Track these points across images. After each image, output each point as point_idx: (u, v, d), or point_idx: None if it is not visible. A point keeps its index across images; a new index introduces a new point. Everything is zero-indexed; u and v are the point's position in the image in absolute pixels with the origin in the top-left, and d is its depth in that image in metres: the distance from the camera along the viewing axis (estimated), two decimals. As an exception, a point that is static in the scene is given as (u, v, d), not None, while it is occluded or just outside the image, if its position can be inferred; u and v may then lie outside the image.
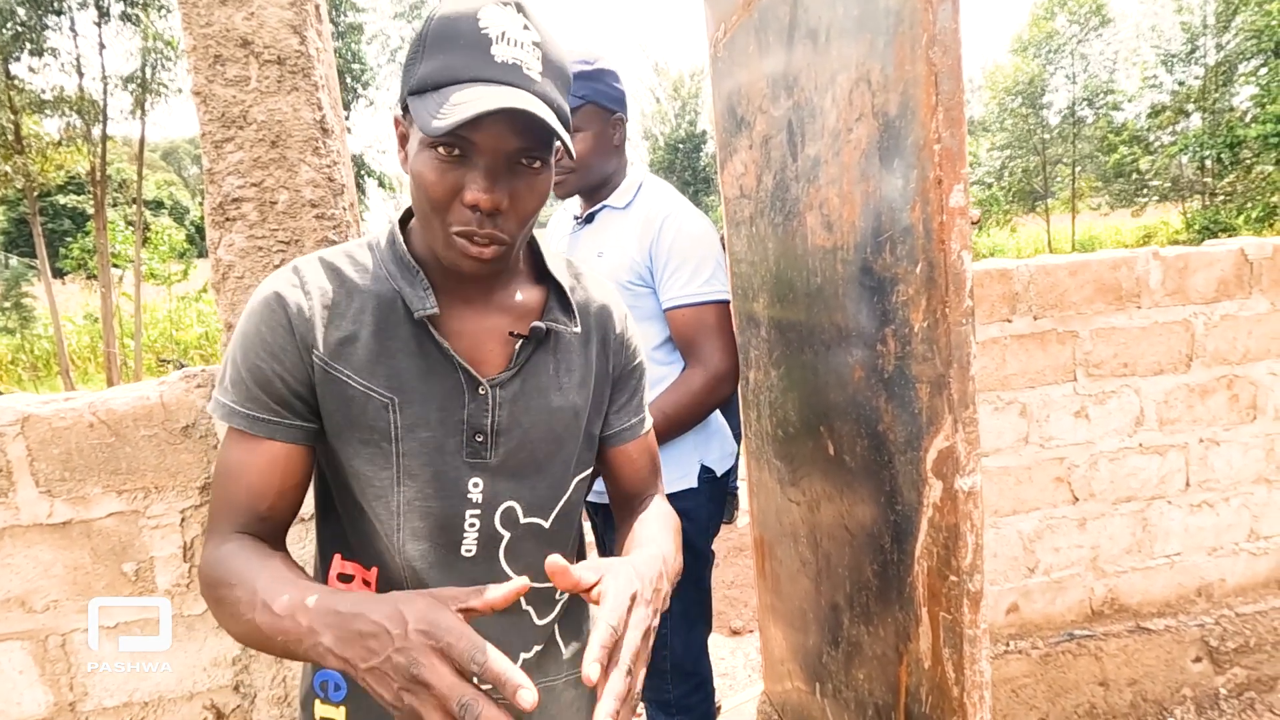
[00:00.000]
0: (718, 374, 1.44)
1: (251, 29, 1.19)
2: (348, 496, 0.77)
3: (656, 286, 1.46)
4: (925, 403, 1.02)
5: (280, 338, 0.72)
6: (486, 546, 0.78)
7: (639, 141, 21.98)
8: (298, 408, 0.74)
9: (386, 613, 0.56)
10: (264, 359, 0.72)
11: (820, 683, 1.62)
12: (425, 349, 0.75)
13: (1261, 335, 1.99)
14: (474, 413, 0.75)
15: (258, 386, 0.72)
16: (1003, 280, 1.87)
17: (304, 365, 0.73)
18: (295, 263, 0.76)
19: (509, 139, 0.68)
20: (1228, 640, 1.98)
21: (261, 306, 0.73)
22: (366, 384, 0.73)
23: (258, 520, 0.74)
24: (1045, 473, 1.94)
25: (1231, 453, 2.02)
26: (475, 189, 0.68)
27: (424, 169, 0.69)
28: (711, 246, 1.46)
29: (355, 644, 0.56)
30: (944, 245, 0.94)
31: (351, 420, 0.73)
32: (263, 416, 0.72)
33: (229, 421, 0.73)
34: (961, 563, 1.00)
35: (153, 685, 1.36)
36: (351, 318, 0.74)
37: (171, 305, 14.17)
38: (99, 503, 1.29)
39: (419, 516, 0.75)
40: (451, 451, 0.75)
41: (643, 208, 1.49)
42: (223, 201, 1.23)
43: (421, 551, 0.76)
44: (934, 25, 0.90)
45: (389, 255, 0.77)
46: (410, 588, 0.76)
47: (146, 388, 1.31)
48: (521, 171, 0.70)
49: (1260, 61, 14.36)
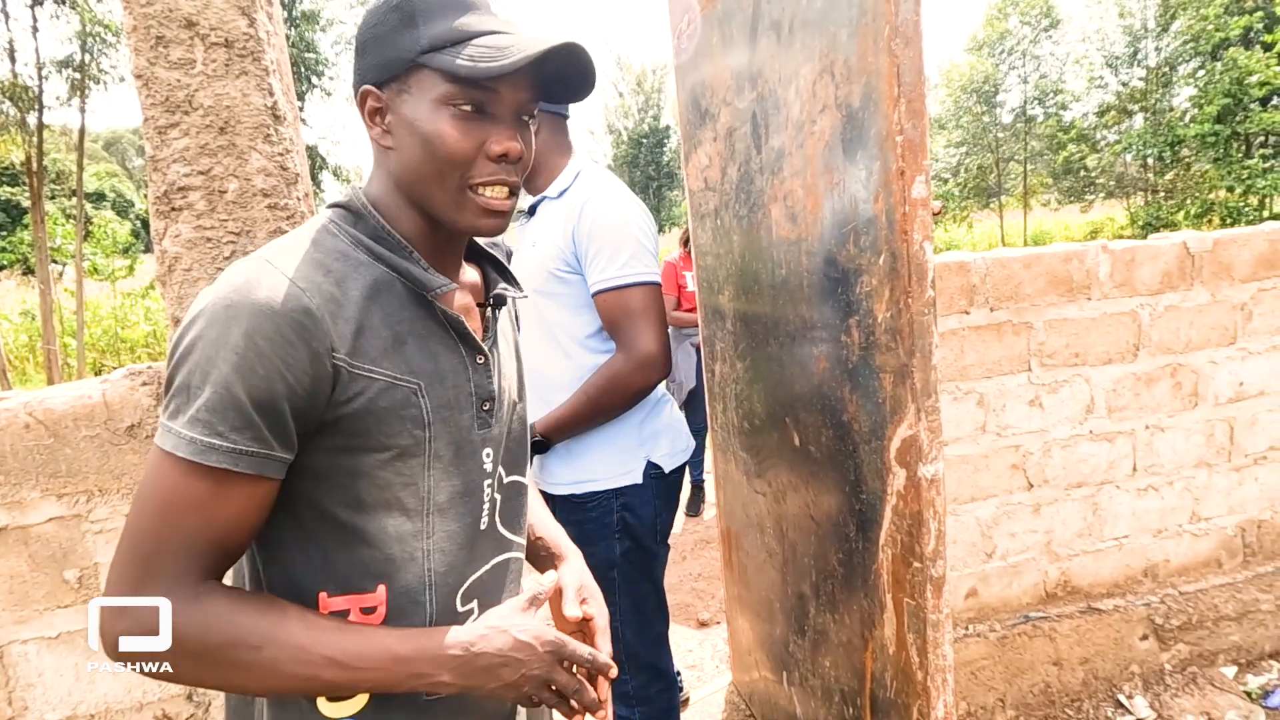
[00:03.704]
0: (641, 358, 1.38)
1: (196, 9, 1.14)
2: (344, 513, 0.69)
3: (584, 273, 1.44)
4: (889, 392, 1.04)
5: (286, 348, 0.62)
6: (492, 515, 0.80)
7: (603, 136, 21.87)
8: (288, 434, 0.64)
9: (508, 644, 0.69)
10: (269, 375, 0.61)
11: (787, 671, 1.64)
12: (428, 328, 0.73)
13: (1202, 325, 2.08)
14: (480, 382, 0.77)
15: (258, 411, 0.61)
16: (961, 273, 1.91)
17: (313, 376, 0.63)
18: (266, 259, 0.66)
19: (524, 91, 0.71)
20: (1172, 618, 2.07)
21: (251, 314, 0.61)
22: (391, 374, 0.69)
23: (224, 557, 0.65)
24: (1002, 460, 1.99)
25: (1175, 438, 2.10)
26: (504, 139, 0.70)
27: (444, 127, 0.68)
28: (633, 228, 1.41)
29: (484, 675, 0.68)
30: (906, 236, 0.95)
31: (379, 417, 0.68)
32: (251, 449, 0.61)
33: (207, 459, 0.60)
34: (925, 549, 1.01)
35: (99, 696, 1.30)
36: (354, 308, 0.67)
37: (116, 302, 13.60)
38: (37, 507, 1.23)
39: (446, 497, 0.74)
40: (467, 425, 0.75)
41: (571, 195, 1.46)
42: (168, 190, 1.18)
43: (450, 533, 0.75)
44: (896, 17, 0.91)
45: (366, 236, 0.72)
46: (437, 580, 0.74)
47: (88, 386, 1.25)
48: (523, 125, 0.73)
49: (1198, 64, 14.99)
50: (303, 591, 0.70)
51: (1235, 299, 2.09)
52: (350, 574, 0.70)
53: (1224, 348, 2.10)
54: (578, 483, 1.47)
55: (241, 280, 0.63)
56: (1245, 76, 13.34)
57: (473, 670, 0.67)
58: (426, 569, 0.73)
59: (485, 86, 0.68)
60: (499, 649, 0.68)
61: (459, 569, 0.75)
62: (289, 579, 0.71)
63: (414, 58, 0.68)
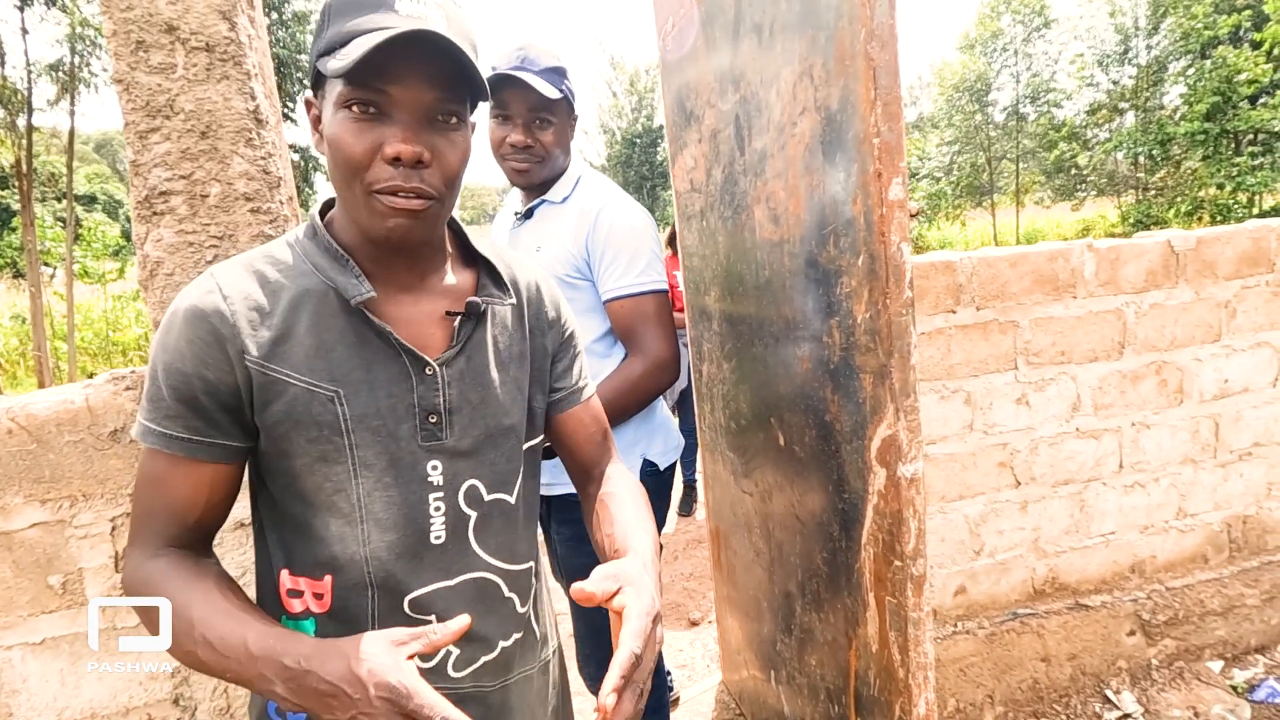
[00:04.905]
0: (658, 362, 1.44)
1: (177, 14, 1.14)
2: (294, 506, 0.74)
3: (595, 279, 1.46)
4: (869, 392, 1.04)
5: (204, 349, 0.69)
6: (455, 529, 0.77)
7: (596, 136, 21.85)
8: (224, 424, 0.71)
9: (340, 673, 0.58)
10: (188, 372, 0.69)
11: (775, 670, 1.65)
12: (365, 337, 0.73)
13: (1187, 323, 2.09)
14: (424, 394, 0.75)
15: (180, 403, 0.69)
16: (947, 272, 1.92)
17: (234, 374, 0.69)
18: (211, 270, 0.73)
19: (424, 90, 0.68)
20: (1159, 614, 2.09)
21: (182, 319, 0.69)
22: (308, 380, 0.71)
23: (185, 531, 0.72)
24: (989, 458, 2.01)
25: (1161, 435, 2.12)
26: (395, 141, 0.67)
27: (340, 130, 0.68)
28: (647, 237, 1.47)
29: (312, 699, 0.59)
30: (884, 237, 0.95)
31: (297, 420, 0.71)
32: (182, 435, 0.70)
33: (145, 442, 0.70)
34: (905, 548, 1.02)
35: (85, 701, 1.30)
36: (281, 316, 0.71)
37: (107, 305, 13.53)
38: (20, 513, 1.22)
39: (381, 507, 0.73)
40: (406, 437, 0.74)
41: (579, 201, 1.48)
42: (149, 195, 1.18)
43: (390, 543, 0.74)
44: (872, 20, 0.92)
45: (313, 248, 0.75)
46: (378, 583, 0.74)
47: (71, 391, 1.24)
48: (440, 127, 0.70)
49: (1188, 62, 15.07)
50: (272, 566, 0.78)
51: (1219, 296, 2.11)
52: (305, 560, 0.76)
53: (1208, 345, 2.11)
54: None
55: (190, 288, 0.72)
56: (1234, 74, 13.42)
57: (302, 690, 0.59)
58: (366, 572, 0.74)
59: (373, 86, 0.66)
60: (329, 675, 0.58)
61: (402, 579, 0.75)
62: (265, 555, 0.80)
63: (315, 62, 0.70)
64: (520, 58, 1.43)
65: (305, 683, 0.59)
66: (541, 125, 1.46)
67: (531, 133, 1.46)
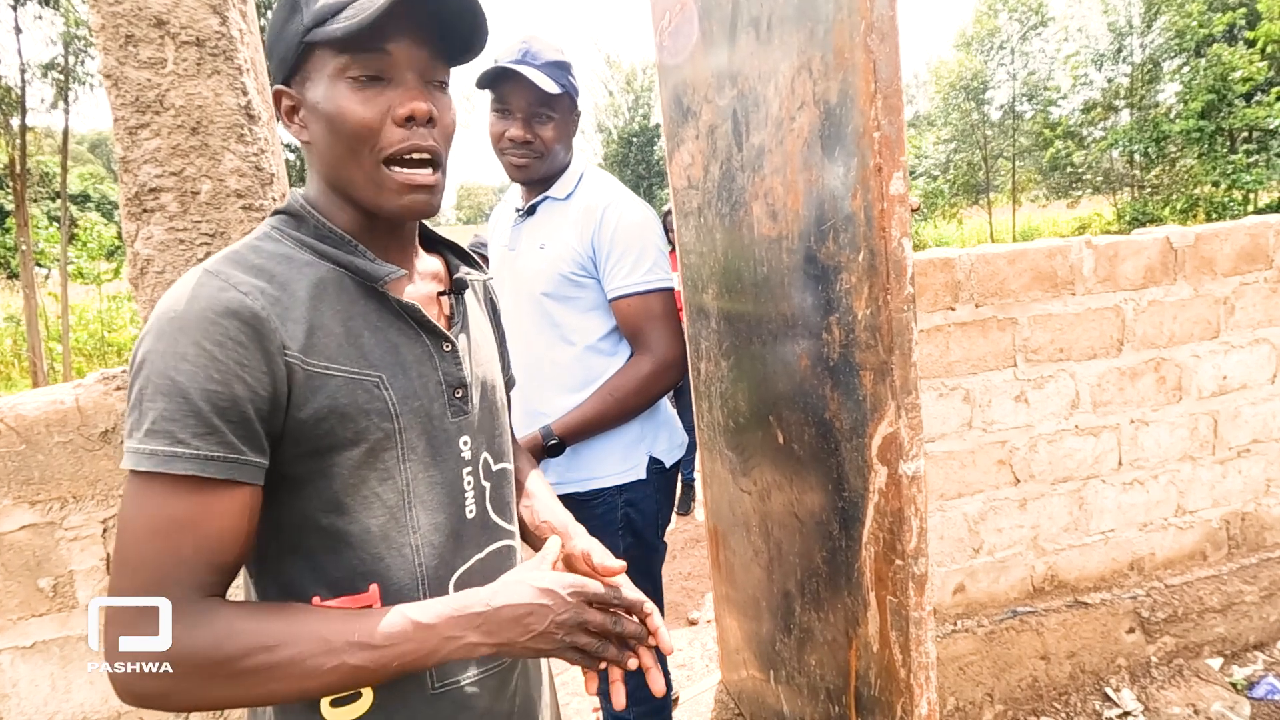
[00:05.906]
0: (665, 360, 1.44)
1: (166, 8, 1.12)
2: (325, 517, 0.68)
3: (600, 276, 1.45)
4: (869, 390, 1.03)
5: (238, 350, 0.61)
6: (479, 503, 0.78)
7: (593, 135, 21.84)
8: (258, 437, 0.63)
9: (529, 594, 0.68)
10: (225, 379, 0.60)
11: (774, 670, 1.64)
12: (386, 319, 0.71)
13: (1185, 320, 2.09)
14: (448, 370, 0.75)
15: (218, 416, 0.59)
16: (945, 269, 1.91)
17: (271, 375, 0.62)
18: (204, 269, 0.65)
19: (419, 48, 0.68)
20: (1158, 611, 2.08)
21: (199, 320, 0.60)
22: (350, 370, 0.67)
23: (222, 577, 0.62)
24: (988, 456, 2.00)
25: (1159, 432, 2.11)
26: (408, 99, 0.67)
27: (343, 102, 0.67)
28: (653, 235, 1.46)
29: (509, 627, 0.66)
30: (885, 233, 0.94)
31: (342, 414, 0.66)
32: (218, 455, 0.60)
33: (167, 469, 0.58)
34: (906, 546, 1.01)
35: (75, 706, 1.28)
36: (305, 308, 0.66)
37: (102, 305, 13.46)
38: (9, 515, 1.21)
39: (426, 489, 0.73)
40: (438, 415, 0.74)
41: (583, 198, 1.47)
42: (139, 192, 1.16)
43: (437, 524, 0.73)
44: (872, 12, 0.90)
45: (308, 236, 0.71)
46: (429, 571, 0.73)
47: (60, 391, 1.23)
48: (434, 88, 0.71)
49: (1183, 60, 15.10)
50: (296, 598, 0.69)
51: (1218, 293, 2.10)
52: (340, 577, 0.69)
53: (1207, 341, 2.11)
54: (582, 480, 1.48)
55: (185, 292, 0.62)
56: (1229, 72, 13.45)
57: (498, 624, 0.66)
58: (416, 563, 0.72)
59: (374, 49, 0.66)
60: (521, 600, 0.67)
61: (448, 560, 0.74)
62: (281, 587, 0.70)
63: (302, 39, 0.68)
64: (523, 51, 1.41)
65: (500, 616, 0.66)
66: (542, 120, 1.44)
67: (531, 128, 1.44)
